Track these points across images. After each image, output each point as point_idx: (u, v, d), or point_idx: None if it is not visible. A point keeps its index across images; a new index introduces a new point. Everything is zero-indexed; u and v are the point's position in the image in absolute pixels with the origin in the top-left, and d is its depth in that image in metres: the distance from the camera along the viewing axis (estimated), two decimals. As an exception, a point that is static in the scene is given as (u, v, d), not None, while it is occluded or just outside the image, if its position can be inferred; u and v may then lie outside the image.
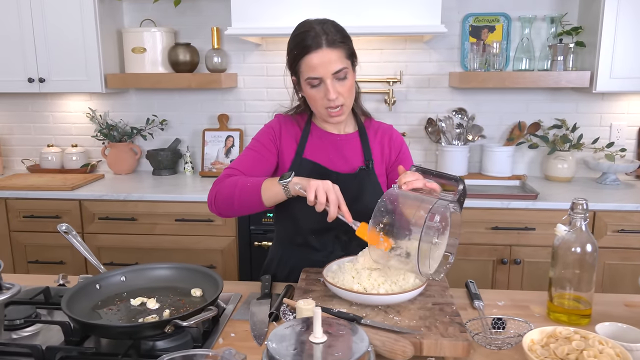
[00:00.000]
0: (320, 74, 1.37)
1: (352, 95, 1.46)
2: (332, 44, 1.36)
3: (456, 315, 1.15)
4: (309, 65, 1.38)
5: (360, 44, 2.94)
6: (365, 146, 1.53)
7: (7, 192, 2.68)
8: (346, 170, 1.50)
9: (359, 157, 1.53)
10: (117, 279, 1.31)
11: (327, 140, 1.54)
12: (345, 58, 1.39)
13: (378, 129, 1.59)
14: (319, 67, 1.36)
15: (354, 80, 1.46)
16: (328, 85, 1.38)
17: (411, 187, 1.21)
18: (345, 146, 1.54)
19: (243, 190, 1.40)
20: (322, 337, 0.85)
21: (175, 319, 1.05)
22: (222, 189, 1.44)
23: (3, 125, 3.26)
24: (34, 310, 1.26)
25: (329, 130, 1.55)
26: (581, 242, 1.21)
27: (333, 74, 1.37)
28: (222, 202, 1.44)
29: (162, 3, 2.96)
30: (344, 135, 1.55)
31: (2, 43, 2.80)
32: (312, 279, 1.36)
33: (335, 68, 1.37)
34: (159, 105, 3.16)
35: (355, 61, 1.46)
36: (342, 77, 1.39)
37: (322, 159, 1.51)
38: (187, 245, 2.64)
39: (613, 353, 0.99)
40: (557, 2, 2.86)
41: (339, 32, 1.40)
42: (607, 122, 2.96)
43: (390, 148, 1.56)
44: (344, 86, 1.40)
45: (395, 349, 1.00)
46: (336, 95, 1.39)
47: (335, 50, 1.37)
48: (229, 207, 1.44)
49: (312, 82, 1.40)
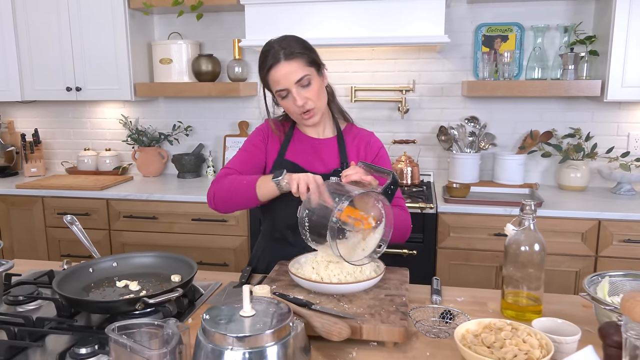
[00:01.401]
0: (284, 85, 1.51)
1: (322, 98, 1.57)
2: (290, 56, 1.49)
3: (403, 306, 1.23)
4: (274, 79, 1.52)
5: (375, 54, 3.06)
6: (342, 150, 1.64)
7: (44, 190, 2.94)
8: (322, 171, 1.61)
9: (335, 159, 1.64)
10: (109, 264, 1.47)
11: (307, 143, 1.66)
12: (306, 66, 1.51)
13: (357, 134, 1.70)
14: (281, 80, 1.50)
15: (322, 84, 1.57)
16: (294, 94, 1.51)
17: (349, 180, 1.32)
18: (323, 149, 1.65)
19: (239, 188, 1.54)
20: (250, 312, 0.96)
21: (143, 297, 1.19)
22: (220, 187, 1.58)
23: (46, 130, 3.56)
24: (36, 289, 1.44)
25: (309, 134, 1.67)
26: (529, 242, 1.26)
27: (296, 83, 1.50)
28: (221, 199, 1.58)
29: (189, 17, 3.17)
30: (322, 139, 1.67)
31: (45, 55, 3.08)
32: (283, 270, 1.47)
33: (297, 77, 1.50)
34: (185, 113, 3.36)
35: (321, 67, 1.58)
36: (305, 84, 1.51)
37: (301, 160, 1.64)
38: (202, 244, 2.80)
39: (536, 343, 1.05)
40: (572, 11, 2.87)
41: (298, 44, 1.53)
42: (625, 131, 2.92)
43: (366, 152, 1.66)
44: (309, 91, 1.52)
45: (332, 330, 1.10)
46: (303, 101, 1.52)
47: (294, 61, 1.49)
48: (227, 204, 1.58)
49: (281, 93, 1.54)
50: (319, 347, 1.14)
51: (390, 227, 1.31)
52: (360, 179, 1.33)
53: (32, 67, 3.11)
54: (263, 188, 1.49)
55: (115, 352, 0.93)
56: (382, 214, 1.30)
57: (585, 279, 1.25)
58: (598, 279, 1.25)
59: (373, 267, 1.37)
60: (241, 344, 0.90)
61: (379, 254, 1.31)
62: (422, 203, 2.52)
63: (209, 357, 0.92)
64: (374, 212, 1.30)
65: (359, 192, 1.25)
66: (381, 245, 1.31)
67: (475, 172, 2.97)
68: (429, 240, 2.55)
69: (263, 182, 1.50)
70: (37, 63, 3.11)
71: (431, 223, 2.54)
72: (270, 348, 0.92)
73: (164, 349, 0.91)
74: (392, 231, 1.31)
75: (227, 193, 1.56)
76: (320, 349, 1.14)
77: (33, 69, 3.12)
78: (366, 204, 1.33)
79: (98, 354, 1.10)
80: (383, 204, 1.30)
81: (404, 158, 2.93)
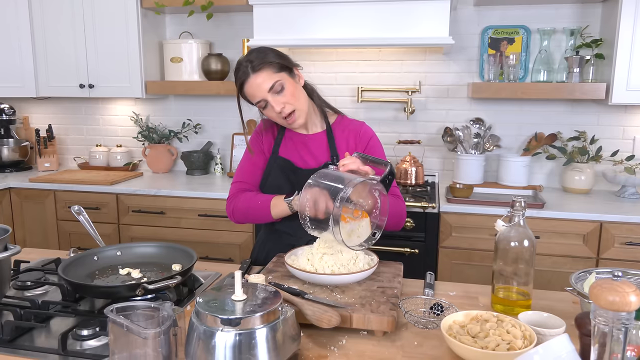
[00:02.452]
0: (259, 96, 1.57)
1: (300, 99, 1.61)
2: (257, 67, 1.54)
3: (394, 297, 1.27)
4: (249, 94, 1.59)
5: (381, 55, 3.10)
6: (331, 143, 1.69)
7: (56, 185, 3.02)
8: (314, 166, 1.67)
9: (325, 153, 1.69)
10: (113, 252, 1.53)
11: (298, 140, 1.72)
12: (275, 73, 1.56)
13: (347, 126, 1.74)
14: (255, 92, 1.56)
15: (296, 85, 1.61)
16: (270, 102, 1.56)
17: (347, 169, 1.37)
18: (313, 144, 1.70)
19: (255, 208, 1.64)
20: (241, 296, 1.00)
21: (143, 283, 1.24)
22: (237, 205, 1.68)
23: (60, 126, 3.64)
24: (43, 275, 1.50)
25: (299, 131, 1.73)
26: (519, 238, 1.29)
27: (269, 91, 1.55)
28: (240, 217, 1.70)
29: (200, 17, 3.23)
30: (311, 135, 1.72)
31: (59, 53, 3.17)
32: (280, 262, 1.52)
33: (268, 86, 1.54)
34: (194, 111, 3.43)
35: (293, 70, 1.62)
36: (278, 89, 1.56)
37: (293, 156, 1.70)
38: (208, 239, 2.86)
39: (520, 334, 1.08)
40: (579, 15, 2.88)
41: (264, 54, 1.56)
42: (630, 135, 2.92)
43: (356, 142, 1.70)
44: (284, 96, 1.57)
45: (322, 317, 1.14)
46: (280, 107, 1.57)
47: (262, 71, 1.54)
48: (246, 220, 1.70)
49: (260, 105, 1.60)
50: (310, 334, 1.18)
51: (385, 216, 1.35)
52: (358, 168, 1.37)
53: (47, 64, 3.20)
54: (276, 208, 1.60)
55: (113, 332, 0.98)
56: (378, 202, 1.34)
57: (573, 275, 1.27)
58: (585, 275, 1.28)
59: (367, 260, 1.41)
60: (231, 326, 0.95)
61: (374, 240, 1.35)
62: (424, 202, 2.55)
63: (201, 339, 0.96)
64: (371, 201, 1.34)
65: (361, 180, 1.29)
66: (376, 233, 1.35)
67: (480, 173, 2.99)
68: (431, 240, 2.58)
69: (276, 202, 1.60)
70: (52, 60, 3.19)
71: (433, 222, 2.56)
72: (259, 330, 0.96)
73: (158, 330, 0.96)
74: (386, 220, 1.36)
75: (246, 212, 1.66)
76: (311, 335, 1.18)
77: (48, 66, 3.20)
78: (362, 192, 1.37)
79: (99, 336, 1.15)
80: (380, 193, 1.35)
81: (408, 158, 2.96)
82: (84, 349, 1.12)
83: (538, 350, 0.85)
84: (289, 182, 1.67)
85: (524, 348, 1.03)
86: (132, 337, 0.97)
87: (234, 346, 0.94)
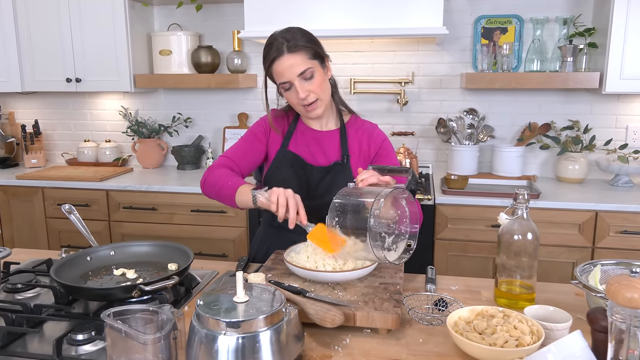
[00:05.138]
0: (287, 77, 1.51)
1: (325, 91, 1.57)
2: (293, 48, 1.49)
3: (397, 294, 1.25)
4: (277, 72, 1.53)
5: (374, 46, 3.06)
6: (344, 142, 1.65)
7: (44, 181, 2.96)
8: (323, 164, 1.63)
9: (336, 152, 1.65)
10: (106, 252, 1.48)
11: (310, 135, 1.67)
12: (309, 59, 1.51)
13: (360, 127, 1.70)
14: (284, 72, 1.51)
15: (325, 76, 1.57)
16: (297, 87, 1.51)
17: (367, 183, 1.32)
18: (325, 141, 1.66)
19: (224, 187, 1.56)
20: (243, 298, 0.97)
21: (140, 284, 1.20)
22: (210, 177, 1.61)
23: (47, 122, 3.57)
24: (34, 277, 1.46)
25: (312, 126, 1.68)
26: (522, 231, 1.27)
27: (299, 76, 1.50)
28: (208, 189, 1.61)
29: (189, 8, 3.17)
30: (325, 132, 1.68)
31: (45, 47, 3.09)
32: (279, 259, 1.49)
33: (299, 70, 1.50)
34: (185, 104, 3.37)
35: (325, 60, 1.58)
36: (308, 76, 1.51)
37: (303, 152, 1.65)
38: (201, 235, 2.82)
39: (527, 330, 1.06)
40: (571, 4, 2.86)
41: (303, 36, 1.53)
42: (623, 124, 2.92)
43: (369, 145, 1.67)
44: (312, 84, 1.52)
45: (326, 317, 1.11)
46: (305, 94, 1.52)
47: (297, 53, 1.50)
48: (213, 195, 1.61)
49: (284, 86, 1.54)
50: (313, 333, 1.16)
51: (416, 224, 1.31)
52: (379, 180, 1.33)
53: (33, 58, 3.12)
54: (241, 196, 1.51)
55: (110, 337, 0.95)
56: (406, 211, 1.29)
57: (578, 267, 1.25)
58: (590, 268, 1.26)
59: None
60: (234, 329, 0.92)
61: (412, 251, 1.29)
62: (420, 194, 2.53)
63: (203, 342, 0.93)
64: (399, 211, 1.29)
65: (389, 191, 1.22)
66: (411, 244, 1.30)
67: (474, 164, 2.97)
68: (426, 232, 2.56)
69: (243, 190, 1.51)
70: (38, 54, 3.11)
71: (429, 214, 2.55)
72: (263, 333, 0.93)
73: (158, 334, 0.92)
74: (418, 228, 1.31)
75: (214, 187, 1.58)
76: (314, 335, 1.15)
77: (33, 60, 3.12)
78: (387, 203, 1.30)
79: (95, 340, 1.11)
80: (407, 201, 1.29)
81: (402, 150, 2.93)
82: (79, 354, 1.08)
83: (551, 349, 0.83)
84: (297, 177, 1.62)
85: (532, 344, 1.01)
86: (130, 342, 0.93)
87: (237, 350, 0.91)
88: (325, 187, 1.61)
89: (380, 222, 1.25)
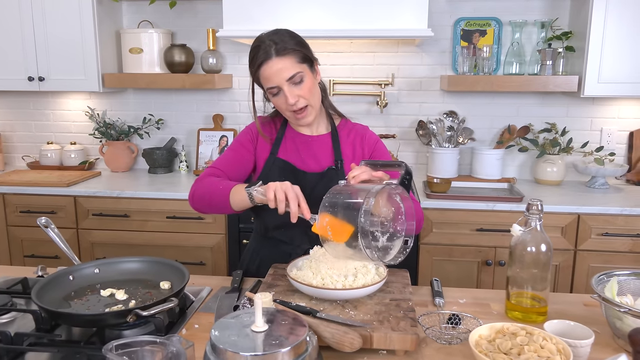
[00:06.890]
0: (276, 82, 1.43)
1: (315, 95, 1.50)
2: (282, 52, 1.41)
3: (411, 311, 1.19)
4: (264, 76, 1.44)
5: (353, 47, 3.00)
6: (336, 146, 1.58)
7: (5, 187, 2.76)
8: (316, 170, 1.55)
9: (329, 157, 1.57)
10: (90, 270, 1.36)
11: (300, 141, 1.59)
12: (299, 63, 1.44)
13: (352, 129, 1.63)
14: (273, 77, 1.43)
15: (314, 81, 1.50)
16: (286, 92, 1.44)
17: (359, 180, 1.26)
18: (316, 147, 1.58)
19: (215, 193, 1.46)
20: (263, 326, 0.89)
21: (136, 309, 1.10)
22: (199, 188, 1.51)
23: (5, 122, 3.34)
24: (10, 299, 1.32)
25: (302, 131, 1.60)
26: (536, 242, 1.24)
27: (287, 80, 1.42)
28: (199, 200, 1.51)
29: (160, 5, 3.03)
30: (316, 137, 1.60)
31: (4, 42, 2.88)
32: (279, 274, 1.40)
33: (289, 74, 1.42)
34: (156, 105, 3.22)
35: (314, 63, 1.51)
36: (297, 81, 1.44)
37: (294, 158, 1.57)
38: (178, 242, 2.69)
39: (554, 348, 1.02)
40: (548, 7, 2.88)
41: (292, 38, 1.45)
42: (598, 126, 2.97)
43: (362, 147, 1.60)
44: (302, 89, 1.45)
45: (344, 340, 1.04)
46: (295, 100, 1.44)
47: (286, 57, 1.42)
48: (205, 206, 1.52)
49: (272, 91, 1.46)
50: (327, 356, 1.08)
51: (412, 220, 1.25)
52: (371, 177, 1.26)
53: (-10, 55, 2.91)
54: (236, 196, 1.43)
55: (114, 373, 0.85)
56: (401, 208, 1.24)
57: (593, 279, 1.23)
58: (604, 279, 1.24)
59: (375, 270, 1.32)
60: (256, 362, 0.84)
61: (408, 249, 1.24)
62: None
63: (220, 377, 0.85)
64: (394, 208, 1.24)
65: (380, 188, 1.17)
66: (408, 241, 1.25)
67: (454, 167, 2.96)
68: (411, 237, 2.52)
69: (237, 190, 1.43)
70: (-5, 51, 2.90)
71: (414, 219, 2.50)
72: (287, 365, 0.85)
73: (170, 370, 0.83)
74: (415, 224, 1.26)
75: (205, 196, 1.49)
76: (328, 358, 1.08)
77: (-10, 57, 2.91)
78: (381, 200, 1.26)
79: (88, 373, 1.01)
80: (401, 197, 1.24)
81: (383, 153, 2.88)
82: (73, 390, 0.97)
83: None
84: None
85: (562, 365, 0.97)
86: (138, 380, 0.84)
87: (260, 385, 0.83)
88: (319, 193, 1.51)
89: (373, 221, 1.20)
